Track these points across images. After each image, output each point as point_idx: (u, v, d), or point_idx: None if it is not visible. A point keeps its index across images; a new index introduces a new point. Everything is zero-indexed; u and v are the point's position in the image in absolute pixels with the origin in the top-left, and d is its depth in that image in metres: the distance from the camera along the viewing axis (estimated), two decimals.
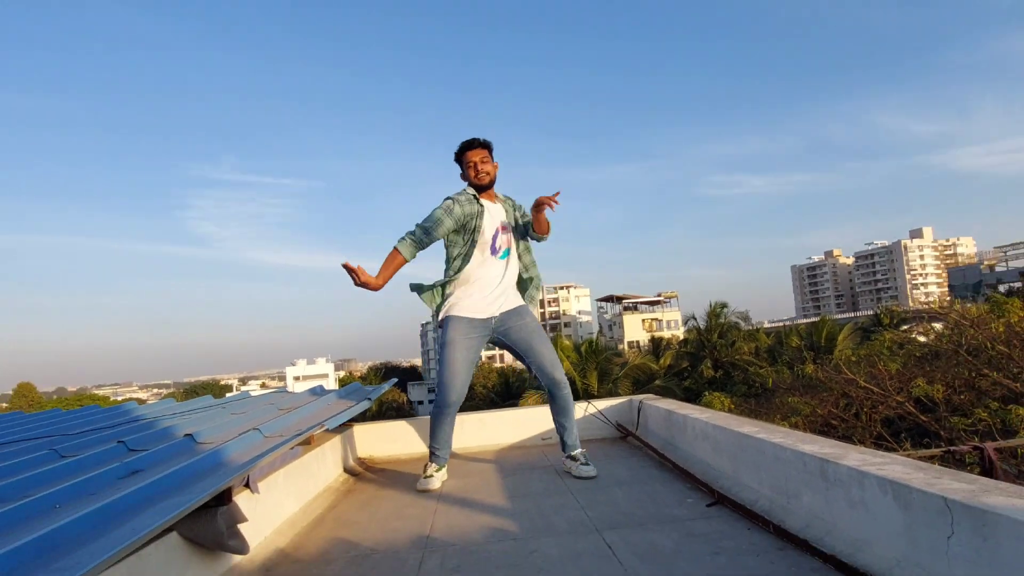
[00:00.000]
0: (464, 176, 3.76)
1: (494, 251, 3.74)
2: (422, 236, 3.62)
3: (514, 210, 3.89)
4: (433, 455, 3.81)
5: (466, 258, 3.67)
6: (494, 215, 3.74)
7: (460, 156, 3.76)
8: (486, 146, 3.75)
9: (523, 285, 3.93)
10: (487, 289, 3.72)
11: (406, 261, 3.64)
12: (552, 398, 3.78)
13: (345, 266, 3.40)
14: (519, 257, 3.90)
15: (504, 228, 3.77)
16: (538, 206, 3.50)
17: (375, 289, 3.51)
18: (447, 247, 3.76)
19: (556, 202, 3.45)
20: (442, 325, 3.71)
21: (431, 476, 3.69)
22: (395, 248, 3.59)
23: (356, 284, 3.45)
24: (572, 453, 3.74)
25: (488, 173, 3.73)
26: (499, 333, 3.76)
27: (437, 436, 3.78)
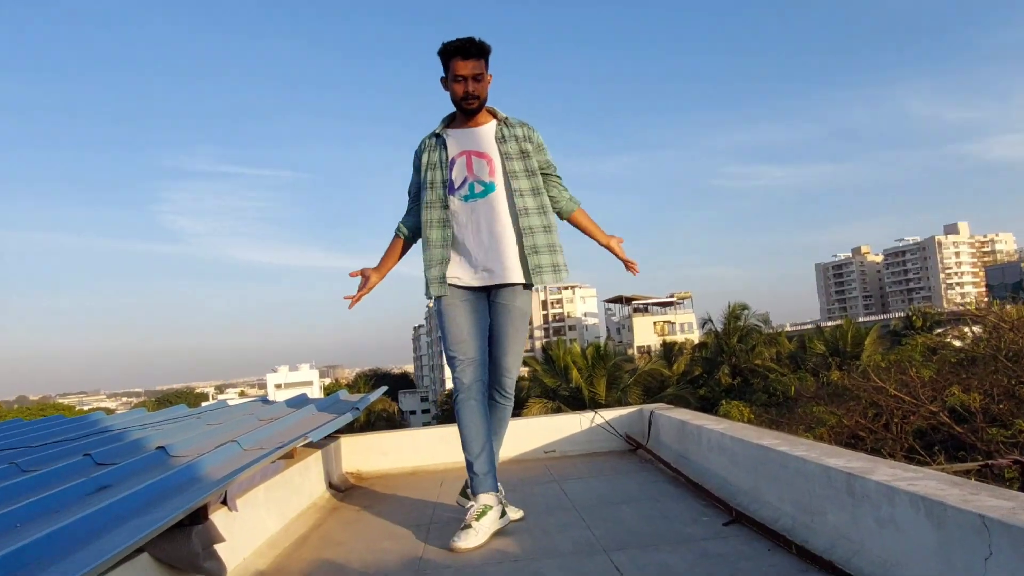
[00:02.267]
0: (445, 84, 3.06)
1: (451, 188, 3.08)
2: (409, 205, 3.29)
3: (527, 140, 3.16)
4: (471, 473, 3.07)
5: (441, 204, 3.10)
6: (462, 141, 3.09)
7: (446, 60, 3.01)
8: (483, 53, 2.98)
9: (531, 251, 3.11)
10: (466, 246, 3.09)
11: (404, 238, 3.28)
12: (491, 406, 3.23)
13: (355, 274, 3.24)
14: (524, 203, 3.11)
15: (479, 155, 3.07)
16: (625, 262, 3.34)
17: (371, 281, 3.22)
18: None
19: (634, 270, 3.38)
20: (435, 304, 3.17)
21: (466, 527, 2.89)
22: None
23: (360, 291, 3.22)
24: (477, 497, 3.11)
25: (478, 96, 3.02)
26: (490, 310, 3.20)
27: (465, 437, 3.07)
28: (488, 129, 3.11)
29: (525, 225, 3.09)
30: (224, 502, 2.63)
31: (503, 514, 3.07)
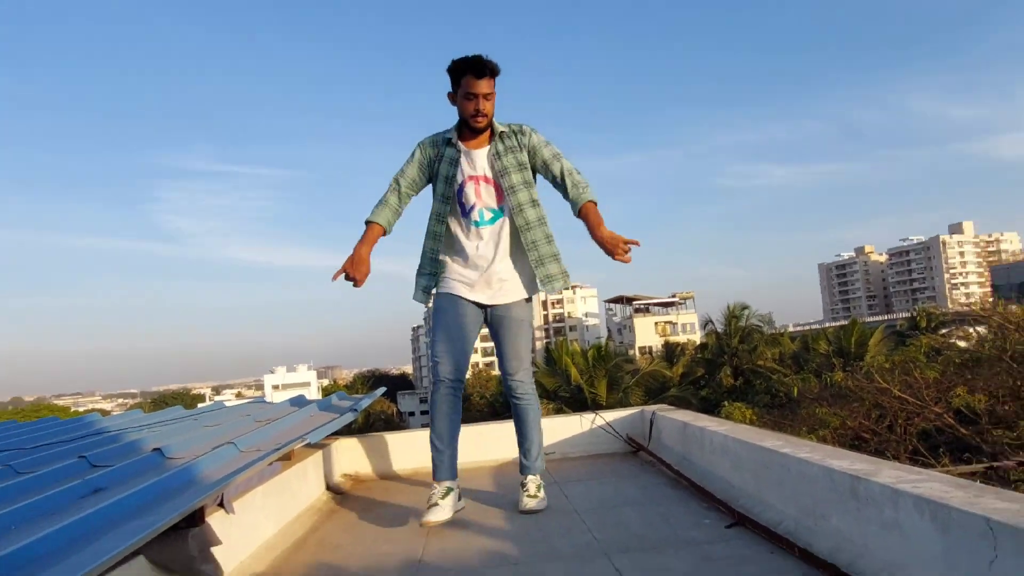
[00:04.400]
0: (453, 100, 3.19)
1: (464, 214, 3.26)
2: (389, 194, 3.29)
3: (522, 148, 3.26)
4: (434, 463, 3.31)
5: (439, 217, 3.28)
6: (472, 165, 3.22)
7: (457, 77, 3.13)
8: (495, 74, 3.11)
9: (537, 263, 3.29)
10: (468, 266, 3.27)
11: (383, 230, 3.26)
12: (513, 409, 3.47)
13: (337, 277, 3.14)
14: (524, 218, 3.25)
15: (485, 180, 3.23)
16: (608, 249, 3.05)
17: (360, 261, 3.15)
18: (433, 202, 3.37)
19: (628, 255, 3.05)
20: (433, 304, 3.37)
21: (435, 504, 3.14)
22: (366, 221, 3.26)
23: (351, 277, 3.14)
24: (525, 478, 3.42)
25: (487, 115, 3.15)
26: (488, 323, 3.39)
27: (435, 426, 3.30)
28: (489, 150, 3.25)
29: (529, 240, 3.26)
30: (221, 505, 2.63)
31: (460, 498, 3.32)
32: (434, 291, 3.38)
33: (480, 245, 3.25)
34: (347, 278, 3.15)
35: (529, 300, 3.40)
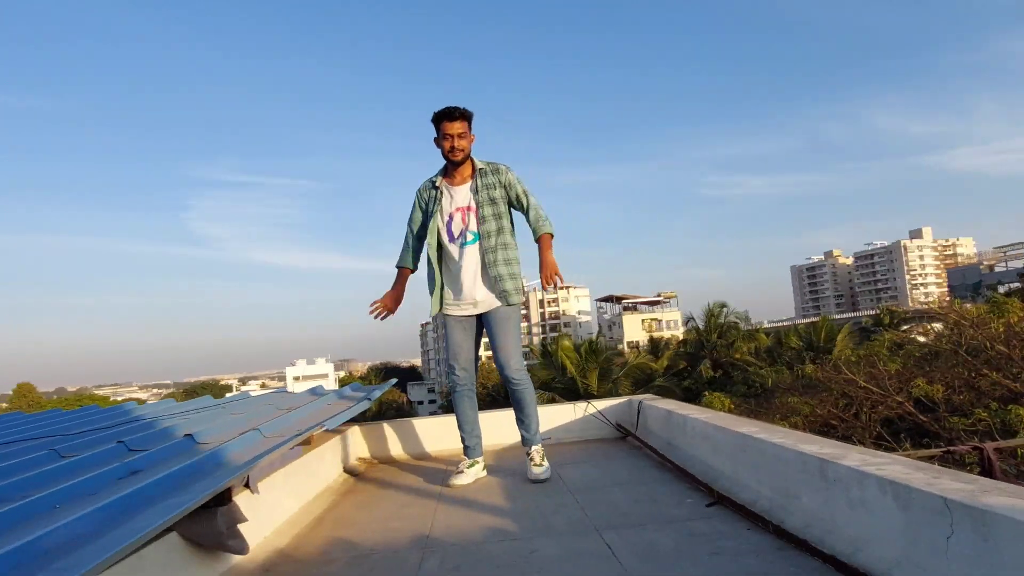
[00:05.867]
0: (438, 144, 3.58)
1: (451, 238, 3.63)
2: (408, 237, 3.81)
3: (498, 186, 3.64)
4: (464, 447, 3.78)
5: (432, 246, 3.65)
6: (454, 196, 3.62)
7: (436, 123, 3.55)
8: (465, 117, 3.54)
9: (496, 279, 3.62)
10: (458, 282, 3.63)
11: (410, 270, 3.84)
12: (509, 393, 3.76)
13: (373, 311, 3.73)
14: (489, 243, 3.61)
15: (468, 209, 3.61)
16: (544, 271, 3.52)
17: (391, 309, 3.76)
18: None
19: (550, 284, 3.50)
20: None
21: (460, 472, 3.66)
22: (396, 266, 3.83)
23: (382, 317, 3.75)
24: (528, 450, 3.71)
25: (463, 149, 3.54)
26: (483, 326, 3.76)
27: (459, 421, 3.77)
28: (470, 185, 3.63)
29: (490, 260, 3.60)
30: (247, 485, 2.63)
31: (483, 469, 3.78)
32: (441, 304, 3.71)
33: (467, 262, 3.61)
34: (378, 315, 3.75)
35: (510, 305, 3.66)
